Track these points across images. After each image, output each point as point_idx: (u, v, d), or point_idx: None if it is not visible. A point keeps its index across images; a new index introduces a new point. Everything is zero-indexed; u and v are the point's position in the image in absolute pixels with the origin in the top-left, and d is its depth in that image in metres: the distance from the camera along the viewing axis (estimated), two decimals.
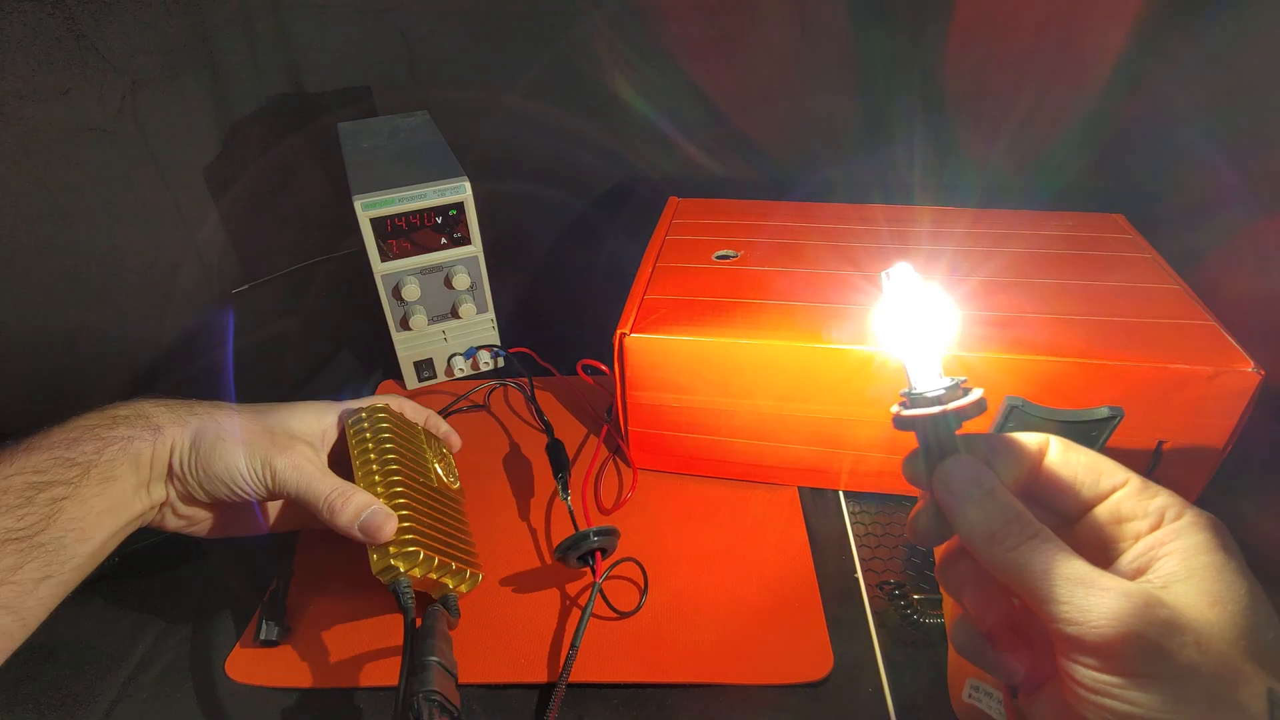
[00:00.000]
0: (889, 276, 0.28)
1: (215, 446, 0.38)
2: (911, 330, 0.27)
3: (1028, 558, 0.23)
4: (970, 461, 0.25)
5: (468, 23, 0.73)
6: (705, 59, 0.73)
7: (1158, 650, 0.21)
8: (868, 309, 0.46)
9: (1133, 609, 0.21)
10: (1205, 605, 0.21)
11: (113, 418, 0.37)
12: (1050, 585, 0.22)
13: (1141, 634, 0.21)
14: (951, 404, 0.25)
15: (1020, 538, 0.23)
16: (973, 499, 0.24)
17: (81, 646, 0.43)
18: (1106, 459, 0.25)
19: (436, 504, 0.43)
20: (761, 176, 0.79)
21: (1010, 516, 0.24)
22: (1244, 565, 0.23)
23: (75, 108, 0.56)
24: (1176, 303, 0.46)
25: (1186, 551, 0.22)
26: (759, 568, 0.45)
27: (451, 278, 0.57)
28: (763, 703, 0.38)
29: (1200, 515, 0.23)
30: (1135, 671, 0.21)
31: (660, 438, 0.51)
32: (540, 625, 0.43)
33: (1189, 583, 0.22)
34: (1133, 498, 0.24)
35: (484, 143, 0.76)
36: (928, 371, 0.27)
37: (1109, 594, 0.21)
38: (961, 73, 0.68)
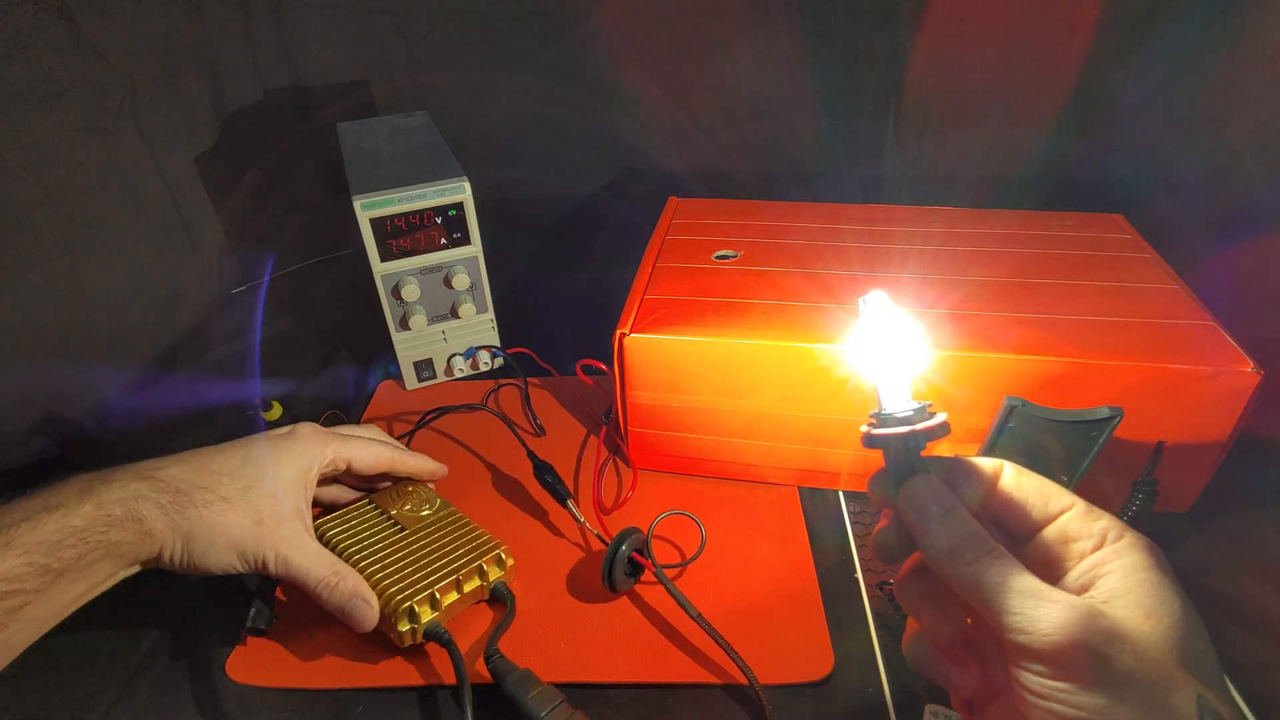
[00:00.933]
0: (865, 303, 0.30)
1: (209, 550, 0.38)
2: (884, 355, 0.29)
3: (984, 572, 0.25)
4: (933, 481, 0.27)
5: (467, 23, 0.73)
6: (706, 59, 0.73)
7: (1100, 657, 0.23)
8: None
9: (1078, 619, 0.23)
10: (1142, 618, 0.23)
11: (105, 521, 0.35)
12: (1004, 598, 0.24)
13: (1086, 642, 0.23)
14: (919, 425, 0.27)
15: (977, 553, 0.25)
16: (935, 516, 0.26)
17: (81, 646, 0.43)
18: (1054, 484, 0.28)
19: (414, 545, 0.44)
20: (762, 176, 0.79)
21: (969, 533, 0.26)
22: (1175, 583, 0.25)
23: (75, 108, 0.56)
24: (1176, 303, 0.46)
25: (1125, 570, 0.25)
26: (759, 568, 0.45)
27: (451, 278, 0.57)
28: (761, 704, 0.38)
29: (1138, 538, 0.26)
30: (1080, 677, 0.23)
31: (660, 438, 0.51)
32: (545, 624, 0.43)
33: (1128, 598, 0.24)
34: (1078, 520, 0.26)
35: (484, 143, 0.76)
36: (897, 394, 0.29)
37: (1057, 606, 0.23)
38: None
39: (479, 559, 0.43)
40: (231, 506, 0.39)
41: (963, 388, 0.43)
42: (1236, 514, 0.46)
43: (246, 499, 0.39)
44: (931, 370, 0.43)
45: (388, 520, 0.46)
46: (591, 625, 0.43)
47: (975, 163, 0.73)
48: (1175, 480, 0.44)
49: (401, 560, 0.42)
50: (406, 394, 0.61)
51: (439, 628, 0.40)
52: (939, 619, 0.28)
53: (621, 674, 0.40)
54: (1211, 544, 0.45)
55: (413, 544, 0.44)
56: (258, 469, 0.41)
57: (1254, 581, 0.43)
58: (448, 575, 0.42)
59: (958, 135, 0.72)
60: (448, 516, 0.46)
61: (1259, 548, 0.45)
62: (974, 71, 0.69)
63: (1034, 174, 0.72)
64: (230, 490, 0.39)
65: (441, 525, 0.45)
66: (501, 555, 0.44)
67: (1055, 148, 0.70)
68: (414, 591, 0.40)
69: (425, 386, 0.62)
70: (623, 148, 0.79)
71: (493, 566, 0.43)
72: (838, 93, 0.72)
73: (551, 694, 0.37)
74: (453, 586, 0.42)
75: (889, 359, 0.29)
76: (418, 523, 0.45)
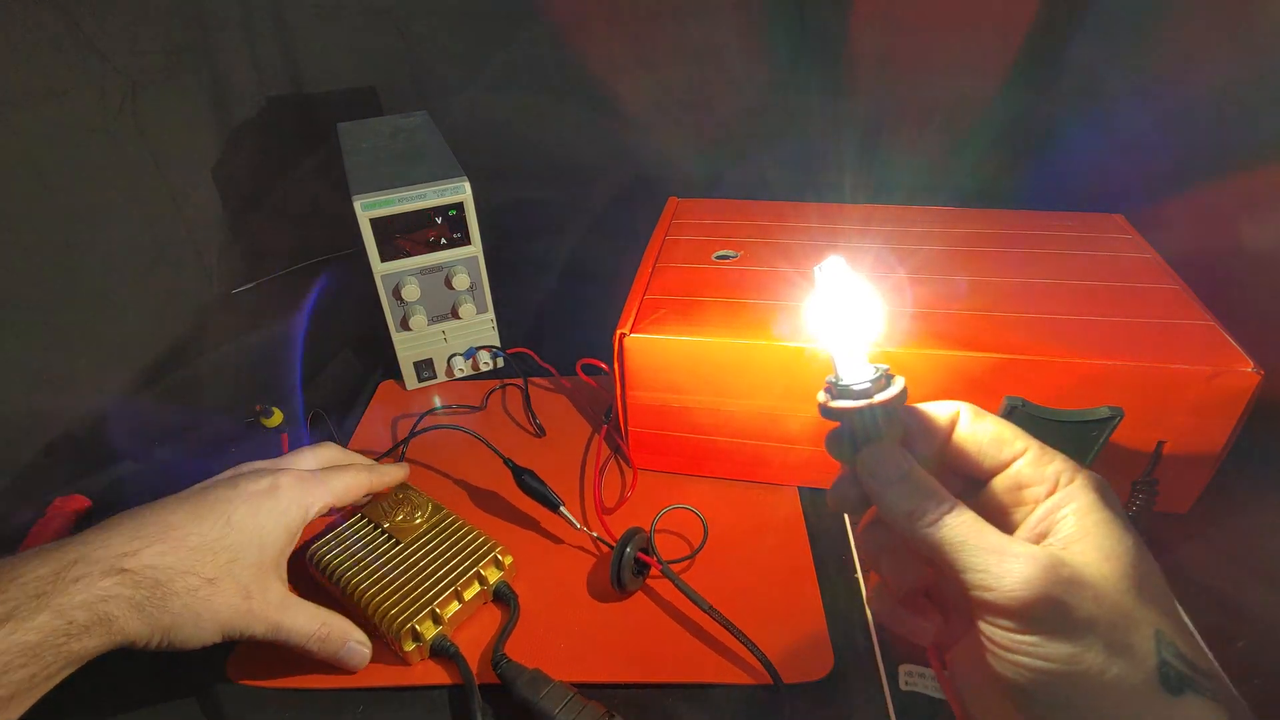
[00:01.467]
0: (821, 269, 0.29)
1: (192, 637, 0.35)
2: (839, 322, 0.28)
3: (945, 531, 0.25)
4: (888, 447, 0.27)
5: (467, 23, 0.73)
6: (706, 59, 0.73)
7: (1063, 607, 0.23)
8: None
9: (1041, 572, 0.23)
10: (1100, 560, 0.24)
11: (66, 631, 0.30)
12: (966, 555, 0.24)
13: (1049, 594, 0.23)
14: (876, 398, 0.27)
15: (937, 514, 0.25)
16: (892, 481, 0.27)
17: None
18: (1010, 427, 0.28)
19: (410, 559, 0.43)
20: (762, 176, 0.79)
21: (926, 495, 0.26)
22: (1125, 518, 0.25)
23: (75, 108, 0.56)
24: (1176, 303, 0.46)
25: (1080, 512, 0.25)
26: (759, 568, 0.45)
27: (451, 278, 0.57)
28: (763, 703, 0.38)
29: (1089, 477, 0.26)
30: (1046, 629, 0.23)
31: (660, 438, 0.51)
32: (550, 625, 0.43)
33: (1085, 541, 0.24)
34: (1031, 465, 0.27)
35: (484, 142, 0.76)
36: (854, 363, 0.28)
37: (1020, 560, 0.24)
38: None
39: (476, 564, 0.43)
40: (217, 588, 0.35)
41: (962, 388, 0.43)
42: (1236, 514, 0.46)
43: (232, 575, 0.36)
44: (932, 370, 0.43)
45: (381, 534, 0.45)
46: (597, 624, 0.43)
47: (974, 161, 0.73)
48: (1175, 480, 0.44)
49: (399, 577, 0.42)
50: (407, 394, 0.61)
51: (444, 641, 0.40)
52: (898, 571, 0.28)
53: (630, 674, 0.40)
54: (1211, 544, 0.45)
55: (409, 557, 0.43)
56: (241, 537, 0.37)
57: (1254, 581, 0.43)
58: (447, 586, 0.41)
59: (956, 134, 0.72)
60: (441, 521, 0.46)
61: (1259, 548, 0.45)
62: (971, 69, 0.69)
63: (1033, 173, 0.72)
64: (214, 569, 0.35)
65: (436, 532, 0.45)
66: (498, 556, 0.44)
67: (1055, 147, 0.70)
68: (415, 610, 0.40)
69: (425, 386, 0.62)
70: (623, 147, 0.79)
71: (491, 569, 0.43)
72: (836, 91, 0.72)
73: (563, 690, 0.37)
74: (453, 597, 0.42)
75: (844, 326, 0.28)
76: (412, 533, 0.44)
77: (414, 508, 0.46)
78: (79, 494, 0.51)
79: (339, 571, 0.42)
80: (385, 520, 0.45)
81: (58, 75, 0.55)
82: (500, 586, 0.43)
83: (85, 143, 0.58)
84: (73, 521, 0.49)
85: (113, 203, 0.61)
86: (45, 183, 0.55)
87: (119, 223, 0.62)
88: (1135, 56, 0.64)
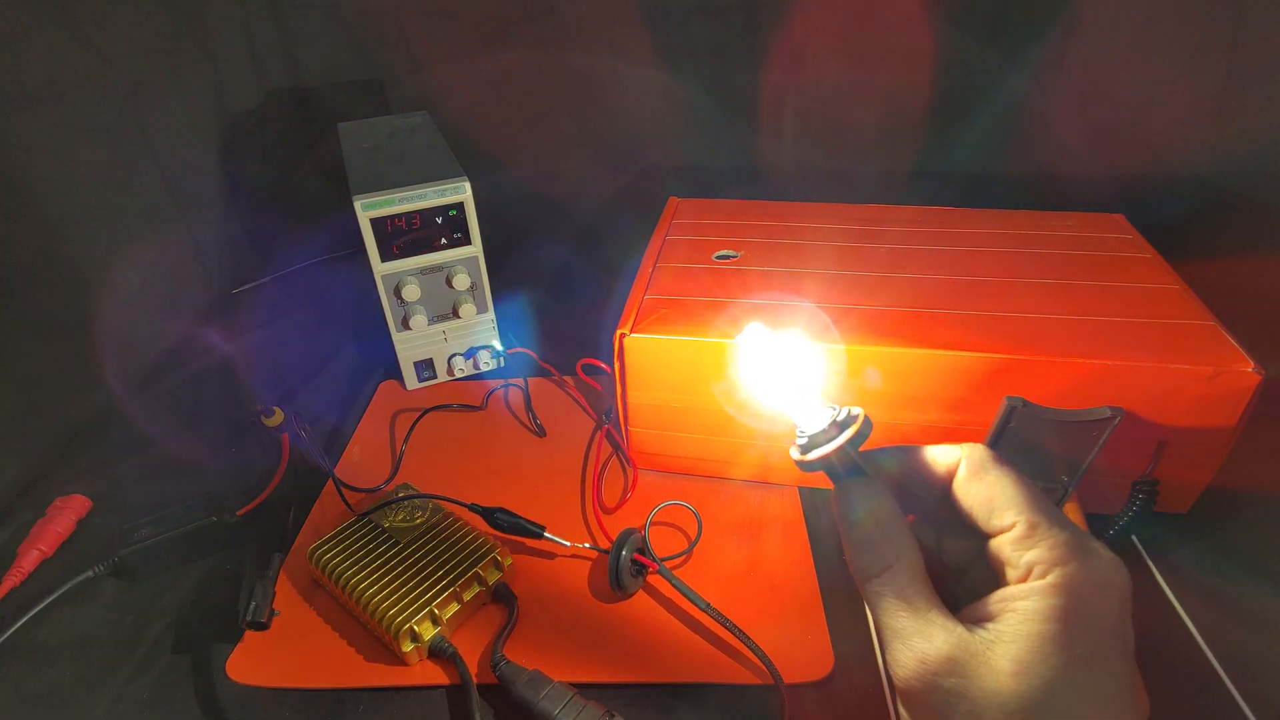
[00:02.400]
0: (742, 338, 0.30)
1: None
2: (782, 381, 0.29)
3: (872, 593, 0.25)
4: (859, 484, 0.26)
5: (467, 23, 0.73)
6: (706, 59, 0.73)
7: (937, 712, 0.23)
8: (870, 308, 0.46)
9: (926, 674, 0.23)
10: (1009, 673, 0.22)
11: None
12: (880, 625, 0.24)
13: (924, 696, 0.23)
14: (840, 438, 0.27)
15: (874, 568, 0.25)
16: (851, 521, 0.26)
17: (81, 646, 0.43)
18: (1008, 492, 0.25)
19: (409, 559, 0.43)
20: (762, 176, 0.79)
21: (871, 543, 0.25)
22: (1083, 640, 0.22)
23: (76, 108, 0.56)
24: (1176, 303, 0.46)
25: (1025, 615, 0.23)
26: (759, 568, 0.45)
27: (451, 278, 0.57)
28: (763, 703, 0.38)
29: (1065, 578, 0.23)
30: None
31: (660, 438, 0.51)
32: (541, 625, 0.43)
33: (1010, 645, 0.22)
34: (1010, 545, 0.24)
35: (484, 142, 0.76)
36: (810, 411, 0.28)
37: (913, 654, 0.23)
38: None
39: (476, 565, 0.43)
40: None
41: (962, 388, 0.43)
42: (1237, 514, 0.46)
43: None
44: (932, 370, 0.43)
45: (381, 535, 0.45)
46: (597, 624, 0.43)
47: (971, 161, 0.73)
48: (1175, 480, 0.44)
49: (399, 577, 0.42)
50: (407, 394, 0.61)
51: (443, 642, 0.40)
52: None
53: (630, 674, 0.40)
54: (1212, 544, 0.45)
55: (409, 557, 0.43)
56: None
57: (1254, 581, 0.43)
58: (446, 587, 0.41)
59: (954, 133, 0.72)
60: (441, 522, 0.46)
61: (1259, 548, 0.45)
62: (969, 68, 0.69)
63: (1033, 173, 0.72)
64: None
65: (436, 533, 0.45)
66: (498, 558, 0.44)
67: (1054, 146, 0.70)
68: (413, 610, 0.40)
69: (426, 386, 0.62)
70: (623, 148, 0.79)
71: (490, 570, 0.43)
72: (835, 89, 0.72)
73: (562, 691, 0.37)
74: (452, 598, 0.42)
75: (787, 385, 0.29)
76: (411, 533, 0.45)
77: (414, 508, 0.47)
78: (79, 494, 0.51)
79: (339, 571, 0.43)
80: (386, 520, 0.46)
81: (59, 74, 0.55)
82: (499, 587, 0.43)
83: (85, 142, 0.58)
84: (73, 522, 0.50)
85: (113, 203, 0.61)
86: (45, 182, 0.55)
87: (119, 223, 0.62)
88: (1136, 56, 0.64)
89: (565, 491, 0.51)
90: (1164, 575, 0.43)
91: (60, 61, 0.55)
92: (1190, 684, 0.38)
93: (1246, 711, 0.36)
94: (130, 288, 0.63)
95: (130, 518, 0.47)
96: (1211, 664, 0.38)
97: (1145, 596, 0.42)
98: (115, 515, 0.51)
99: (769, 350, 0.30)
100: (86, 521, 0.51)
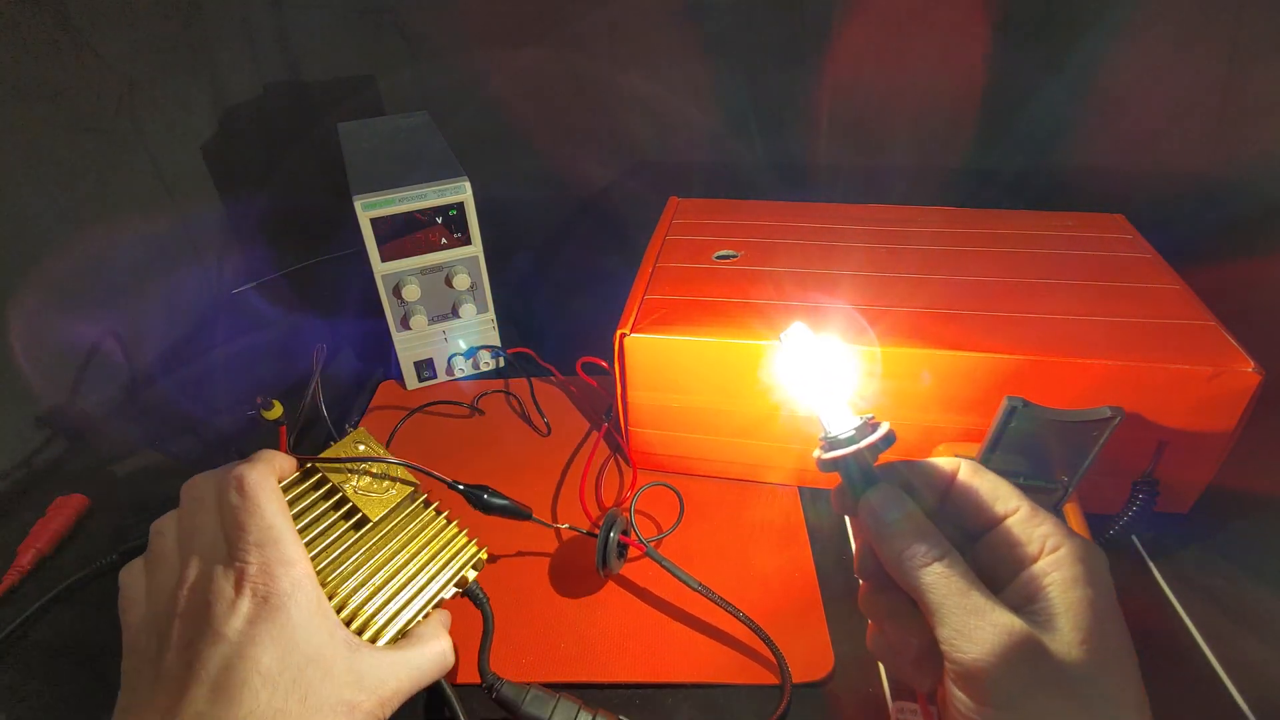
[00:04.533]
0: (785, 338, 0.31)
1: None
2: (817, 382, 0.30)
3: (933, 578, 0.26)
4: (889, 489, 0.28)
5: (467, 23, 0.73)
6: (706, 58, 0.73)
7: (1021, 690, 0.23)
8: (869, 309, 0.46)
9: (1009, 647, 0.24)
10: (1076, 643, 0.24)
11: None
12: (946, 609, 0.25)
13: (1010, 674, 0.23)
14: (864, 441, 0.29)
15: (927, 557, 0.26)
16: (890, 521, 0.27)
17: (82, 646, 0.43)
18: (1006, 485, 0.28)
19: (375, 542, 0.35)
20: (762, 176, 0.79)
21: (920, 536, 0.27)
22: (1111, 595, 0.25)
23: (72, 108, 0.56)
24: (1176, 303, 0.46)
25: (1064, 585, 0.25)
26: (759, 568, 0.45)
27: (451, 278, 0.57)
28: (763, 703, 0.38)
29: (1077, 547, 0.26)
30: (990, 702, 0.24)
31: (660, 437, 0.51)
32: (541, 625, 0.43)
33: (1065, 618, 0.24)
34: (1022, 524, 0.27)
35: (484, 142, 0.76)
36: (839, 414, 0.30)
37: (994, 629, 0.24)
38: None
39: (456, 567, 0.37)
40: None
41: (963, 388, 0.43)
42: (1237, 514, 0.46)
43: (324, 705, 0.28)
44: (932, 370, 0.43)
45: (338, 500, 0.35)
46: (583, 623, 0.42)
47: (970, 161, 0.73)
48: (1176, 480, 0.44)
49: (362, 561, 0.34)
50: (407, 394, 0.61)
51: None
52: (902, 634, 0.29)
53: (621, 674, 0.40)
54: (1212, 544, 0.45)
55: (375, 541, 0.35)
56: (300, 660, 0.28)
57: (1254, 582, 0.43)
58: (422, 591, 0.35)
59: (953, 133, 0.72)
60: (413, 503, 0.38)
61: (1259, 548, 0.45)
62: (967, 68, 0.69)
63: (1033, 173, 0.72)
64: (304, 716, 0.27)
65: (409, 517, 0.37)
66: (482, 557, 0.38)
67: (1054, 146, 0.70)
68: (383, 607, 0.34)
69: (426, 386, 0.62)
70: (623, 147, 0.79)
71: (470, 572, 0.38)
72: (833, 91, 0.72)
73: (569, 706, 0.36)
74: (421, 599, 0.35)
75: (819, 386, 0.30)
76: (383, 506, 0.36)
77: (383, 474, 0.37)
78: (79, 494, 0.51)
79: None
80: (346, 482, 0.36)
81: (55, 75, 0.55)
82: (473, 589, 0.38)
83: (83, 143, 0.58)
84: (73, 521, 0.50)
85: (111, 203, 0.61)
86: (43, 182, 0.55)
87: (118, 223, 0.61)
88: (1136, 55, 0.64)
89: (565, 492, 0.51)
90: (1164, 575, 0.43)
91: (57, 61, 0.55)
92: (1190, 684, 0.38)
93: (1246, 712, 0.36)
94: (129, 287, 0.63)
95: (130, 517, 0.47)
96: (1212, 664, 0.39)
97: (1145, 596, 0.42)
98: (115, 515, 0.51)
99: (810, 350, 0.31)
100: (85, 521, 0.51)
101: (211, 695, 0.26)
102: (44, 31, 0.54)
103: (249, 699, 0.26)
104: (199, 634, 0.27)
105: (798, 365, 0.31)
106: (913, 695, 0.38)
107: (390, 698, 0.30)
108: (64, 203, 0.56)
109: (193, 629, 0.28)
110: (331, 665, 0.29)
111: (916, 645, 0.28)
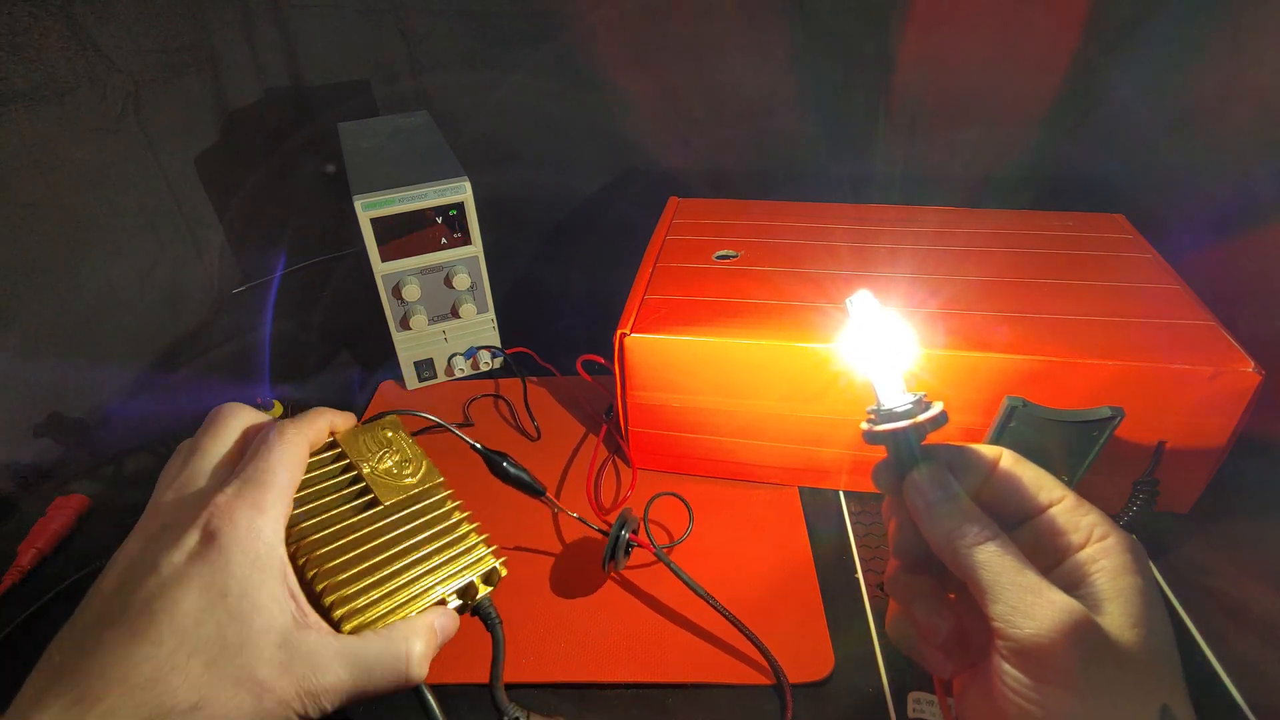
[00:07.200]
0: (852, 303, 0.31)
1: None
2: (876, 352, 0.30)
3: (984, 557, 0.26)
4: (937, 469, 0.28)
5: (467, 23, 0.73)
6: (705, 58, 0.73)
7: (1081, 665, 0.23)
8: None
9: (1069, 624, 0.23)
10: (1128, 626, 0.24)
11: None
12: (1001, 586, 0.25)
13: (1071, 649, 0.23)
14: (919, 417, 0.28)
15: (980, 537, 0.26)
16: (938, 501, 0.27)
17: None
18: (1049, 476, 0.28)
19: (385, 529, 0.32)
20: (763, 176, 0.79)
21: (972, 517, 0.27)
22: (1155, 585, 0.26)
23: (78, 108, 0.56)
24: (1176, 303, 0.46)
25: (1112, 572, 0.25)
26: (759, 568, 0.45)
27: (451, 278, 0.57)
28: (763, 703, 0.38)
29: (1123, 537, 0.26)
30: (1057, 681, 0.24)
31: (660, 438, 0.51)
32: (541, 625, 0.43)
33: (1116, 602, 0.24)
34: (1067, 513, 0.27)
35: (484, 143, 0.76)
36: (893, 388, 0.29)
37: (1052, 606, 0.24)
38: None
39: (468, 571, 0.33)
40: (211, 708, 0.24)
41: (963, 388, 0.43)
42: (1237, 514, 0.46)
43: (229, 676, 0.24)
44: (932, 370, 0.43)
45: (354, 481, 0.33)
46: (584, 623, 0.43)
47: (970, 161, 0.73)
48: (1176, 480, 0.44)
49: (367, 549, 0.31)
50: (407, 394, 0.61)
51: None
52: (932, 617, 0.29)
53: (621, 674, 0.40)
54: (1212, 544, 0.45)
55: (385, 527, 0.32)
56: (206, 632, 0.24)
57: (1254, 582, 0.43)
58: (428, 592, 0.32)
59: (952, 133, 0.72)
60: (433, 494, 0.34)
61: (1259, 548, 0.45)
62: (966, 68, 0.69)
63: (1033, 173, 0.72)
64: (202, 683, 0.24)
65: (426, 508, 0.34)
66: (498, 569, 0.34)
67: (1054, 145, 0.70)
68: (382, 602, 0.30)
69: (426, 386, 0.62)
70: (623, 147, 0.79)
71: (483, 585, 0.34)
72: (833, 91, 0.72)
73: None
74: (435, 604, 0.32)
75: (880, 356, 0.30)
76: (396, 494, 0.33)
77: (404, 460, 0.35)
78: (79, 493, 0.51)
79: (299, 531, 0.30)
80: (365, 463, 0.34)
81: (60, 75, 0.55)
82: (483, 605, 0.34)
83: (87, 142, 0.58)
84: (72, 520, 0.50)
85: (114, 202, 0.61)
86: (47, 182, 0.55)
87: (120, 222, 0.62)
88: (1136, 55, 0.64)
89: (565, 491, 0.51)
90: (1164, 575, 0.43)
91: (63, 61, 0.55)
92: (1190, 684, 0.38)
93: (1246, 712, 0.36)
94: (132, 287, 0.63)
95: (130, 517, 0.47)
96: (1212, 664, 0.39)
97: None
98: (114, 515, 0.51)
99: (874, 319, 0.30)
100: (86, 521, 0.51)
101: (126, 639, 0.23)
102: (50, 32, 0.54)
103: (148, 646, 0.23)
104: (143, 569, 0.25)
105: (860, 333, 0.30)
106: (927, 686, 0.38)
107: (319, 692, 0.26)
108: (69, 202, 0.57)
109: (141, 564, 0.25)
110: (261, 634, 0.25)
111: (945, 630, 0.28)
